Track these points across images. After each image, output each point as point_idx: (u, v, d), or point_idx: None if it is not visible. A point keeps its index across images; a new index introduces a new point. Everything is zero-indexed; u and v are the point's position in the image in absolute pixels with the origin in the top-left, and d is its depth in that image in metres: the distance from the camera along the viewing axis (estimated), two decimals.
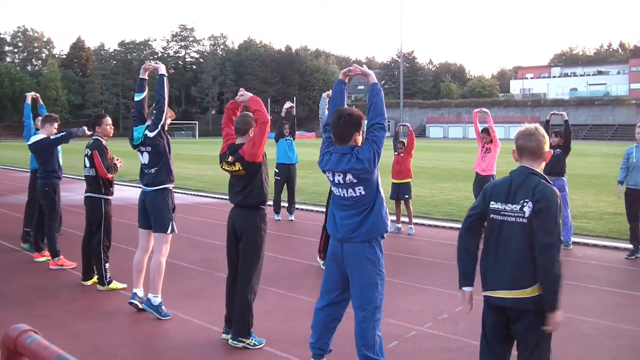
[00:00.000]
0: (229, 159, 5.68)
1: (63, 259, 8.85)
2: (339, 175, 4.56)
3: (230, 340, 5.66)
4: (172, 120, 6.92)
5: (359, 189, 4.53)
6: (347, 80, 4.99)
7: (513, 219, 3.74)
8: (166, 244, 6.65)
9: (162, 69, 6.74)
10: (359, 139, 4.64)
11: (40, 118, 9.37)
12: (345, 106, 4.86)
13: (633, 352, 5.62)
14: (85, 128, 8.77)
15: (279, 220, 13.50)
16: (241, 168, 5.60)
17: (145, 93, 6.92)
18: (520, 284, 3.70)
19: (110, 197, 7.84)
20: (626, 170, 9.72)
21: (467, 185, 16.76)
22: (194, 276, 8.46)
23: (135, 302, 6.68)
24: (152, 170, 6.60)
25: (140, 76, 6.95)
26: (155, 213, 6.56)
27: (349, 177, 4.51)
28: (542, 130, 3.92)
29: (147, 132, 6.54)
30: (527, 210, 3.69)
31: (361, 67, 4.93)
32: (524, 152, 3.89)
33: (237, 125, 5.78)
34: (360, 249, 4.59)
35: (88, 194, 7.85)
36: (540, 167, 3.88)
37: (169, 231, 6.59)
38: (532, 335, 3.74)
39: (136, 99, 6.91)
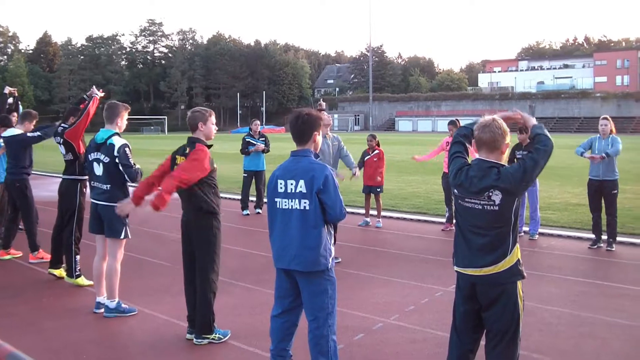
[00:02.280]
0: (187, 150, 5.66)
1: (42, 252, 8.79)
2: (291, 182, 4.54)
3: (195, 340, 5.65)
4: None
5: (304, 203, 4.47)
6: None
7: (480, 207, 3.82)
8: (120, 248, 6.52)
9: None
10: (318, 139, 4.62)
11: (14, 114, 9.33)
12: None
13: (593, 339, 5.74)
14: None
15: (247, 215, 13.47)
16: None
17: None
18: (489, 261, 3.80)
19: (85, 182, 7.61)
20: (585, 149, 9.98)
21: (435, 178, 16.88)
22: (161, 272, 8.43)
23: (99, 312, 6.57)
24: (106, 187, 6.43)
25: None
26: (107, 219, 6.41)
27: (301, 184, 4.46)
28: (500, 122, 3.92)
29: (117, 155, 6.35)
30: (496, 198, 3.76)
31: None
32: (481, 144, 3.93)
33: (188, 121, 5.75)
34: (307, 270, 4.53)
35: (64, 177, 7.79)
36: (498, 159, 3.91)
37: (122, 236, 6.46)
38: (502, 322, 3.83)
39: None
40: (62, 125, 7.95)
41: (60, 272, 7.82)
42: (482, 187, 3.80)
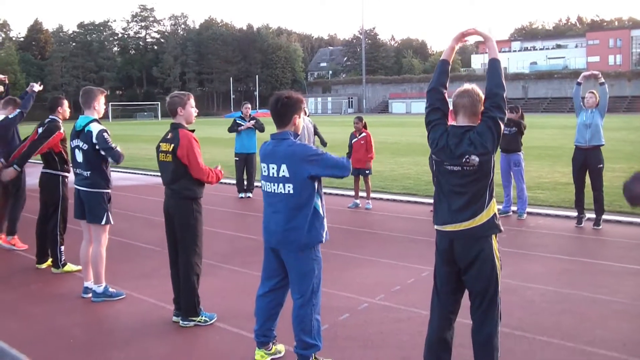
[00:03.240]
0: (169, 136, 5.70)
1: (16, 239, 8.81)
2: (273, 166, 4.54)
3: (180, 322, 5.71)
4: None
5: (288, 187, 4.48)
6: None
7: (459, 168, 3.93)
8: (104, 233, 6.54)
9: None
10: (299, 122, 4.60)
11: (2, 100, 9.31)
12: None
13: (573, 314, 5.81)
14: (35, 85, 8.69)
15: (242, 197, 13.50)
16: (171, 150, 5.62)
17: None
18: (467, 216, 3.94)
19: (67, 175, 7.67)
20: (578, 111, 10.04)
21: (426, 159, 16.91)
22: (149, 255, 8.47)
23: (87, 297, 6.62)
24: (87, 174, 6.44)
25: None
26: (89, 204, 6.44)
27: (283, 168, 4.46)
28: (477, 89, 4.05)
29: (96, 142, 6.33)
30: (474, 161, 3.86)
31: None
32: (459, 109, 4.03)
33: (168, 107, 5.77)
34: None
35: (44, 170, 7.75)
36: (475, 123, 4.00)
37: (103, 222, 6.47)
38: (482, 282, 3.97)
39: None
40: (51, 117, 7.81)
41: (49, 263, 7.82)
42: (459, 153, 3.91)
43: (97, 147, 6.33)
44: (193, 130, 5.82)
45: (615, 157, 18.40)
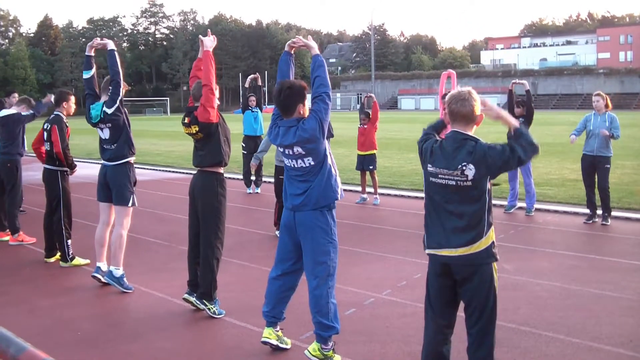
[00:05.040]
0: (186, 120, 5.80)
1: (22, 235, 8.89)
2: (288, 148, 4.61)
3: (194, 299, 5.81)
4: (126, 91, 6.87)
5: (308, 160, 4.58)
6: (292, 52, 4.99)
7: (454, 182, 3.75)
8: (127, 216, 6.69)
9: (110, 44, 6.64)
10: (304, 110, 4.63)
11: (15, 95, 9.44)
12: (292, 77, 4.87)
13: (580, 310, 5.81)
14: (52, 96, 8.77)
15: (250, 193, 13.55)
16: (197, 130, 5.71)
17: (93, 70, 6.83)
18: (465, 240, 3.75)
19: (67, 170, 7.79)
20: (579, 132, 9.98)
21: None
22: (157, 250, 8.52)
23: (98, 275, 6.72)
24: (113, 146, 6.59)
25: (86, 53, 6.84)
26: (116, 186, 6.58)
27: (297, 149, 4.55)
28: (474, 94, 3.88)
29: (105, 108, 6.49)
30: (469, 173, 3.69)
31: (306, 39, 4.91)
32: (457, 117, 3.86)
33: (193, 92, 5.88)
34: (312, 217, 4.61)
35: (45, 166, 7.86)
36: (472, 131, 3.88)
37: (129, 204, 6.63)
38: (480, 296, 3.80)
39: (85, 76, 6.80)
40: (55, 113, 7.89)
41: (57, 257, 7.88)
42: (457, 158, 3.75)
43: (110, 107, 6.47)
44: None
45: (625, 154, 18.33)
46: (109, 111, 6.47)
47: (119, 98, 6.56)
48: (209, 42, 5.84)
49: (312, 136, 4.49)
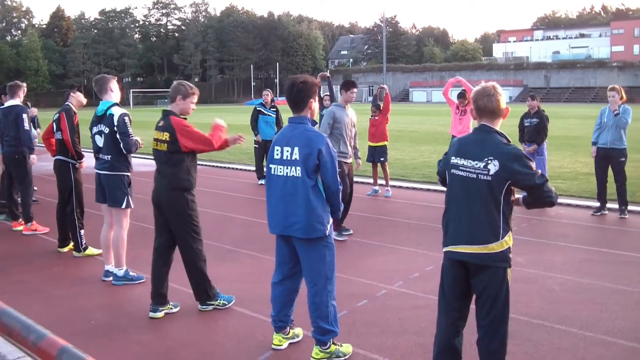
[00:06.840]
0: (160, 124, 5.58)
1: (36, 224, 8.94)
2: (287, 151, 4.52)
3: (200, 307, 5.77)
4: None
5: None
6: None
7: (475, 176, 3.75)
8: (125, 217, 6.64)
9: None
10: (314, 106, 4.60)
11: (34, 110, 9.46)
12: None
13: (592, 304, 5.78)
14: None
15: (262, 184, 13.55)
16: (168, 139, 5.47)
17: None
18: (482, 239, 3.74)
19: (77, 162, 7.79)
20: (599, 131, 9.84)
21: (446, 148, 16.84)
22: None
23: (109, 279, 6.71)
24: (107, 157, 6.50)
25: None
26: (109, 188, 6.52)
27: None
28: (499, 89, 3.92)
29: (116, 124, 6.39)
30: (492, 168, 3.69)
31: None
32: (484, 112, 3.88)
33: (170, 92, 5.74)
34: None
35: (57, 157, 7.85)
36: (498, 125, 3.91)
37: (123, 206, 6.55)
38: (492, 289, 3.79)
39: None
40: (65, 104, 7.90)
41: (70, 247, 7.92)
42: (485, 150, 3.76)
43: (115, 129, 6.37)
44: (185, 118, 5.71)
45: (637, 147, 18.18)
46: (115, 123, 6.40)
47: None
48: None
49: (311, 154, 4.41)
